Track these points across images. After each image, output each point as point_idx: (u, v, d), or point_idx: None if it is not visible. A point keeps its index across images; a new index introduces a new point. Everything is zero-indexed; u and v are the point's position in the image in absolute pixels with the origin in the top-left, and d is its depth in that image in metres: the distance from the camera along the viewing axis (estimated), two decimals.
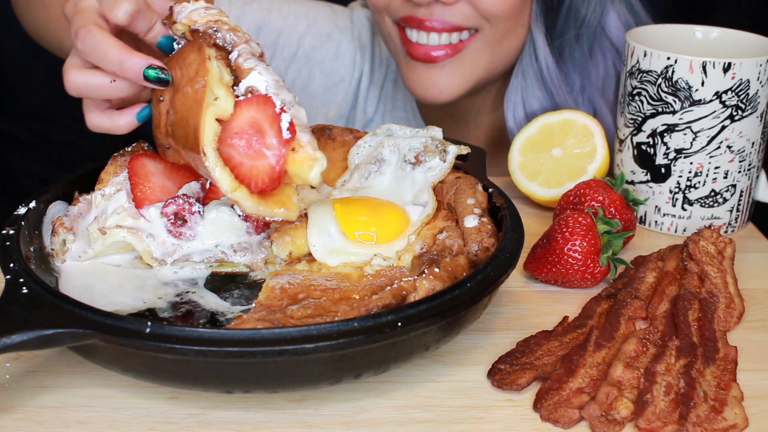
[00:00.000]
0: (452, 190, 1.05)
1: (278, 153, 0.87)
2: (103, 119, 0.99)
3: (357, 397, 0.86)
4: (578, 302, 1.03)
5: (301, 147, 0.88)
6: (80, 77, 0.95)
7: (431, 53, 1.37)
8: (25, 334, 0.78)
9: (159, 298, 0.95)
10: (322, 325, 0.78)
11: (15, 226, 0.95)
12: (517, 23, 1.38)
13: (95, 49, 0.93)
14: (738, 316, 1.00)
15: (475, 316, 0.91)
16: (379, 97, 1.64)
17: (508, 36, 1.38)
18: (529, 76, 1.43)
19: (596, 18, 1.42)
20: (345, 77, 1.63)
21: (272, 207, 0.91)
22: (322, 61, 1.62)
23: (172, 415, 0.84)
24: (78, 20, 0.95)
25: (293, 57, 1.60)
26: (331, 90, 1.64)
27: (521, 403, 0.86)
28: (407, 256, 0.98)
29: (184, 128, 0.91)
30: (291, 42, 1.61)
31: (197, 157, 0.89)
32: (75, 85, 0.96)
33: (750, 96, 1.16)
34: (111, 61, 0.93)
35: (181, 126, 0.91)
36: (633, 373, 0.87)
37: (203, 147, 0.88)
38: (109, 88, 0.96)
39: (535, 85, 1.43)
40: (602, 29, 1.44)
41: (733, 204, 1.23)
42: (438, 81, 1.38)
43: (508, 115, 1.46)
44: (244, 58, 0.92)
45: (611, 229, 1.06)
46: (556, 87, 1.43)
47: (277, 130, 0.87)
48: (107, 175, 1.06)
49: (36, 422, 0.82)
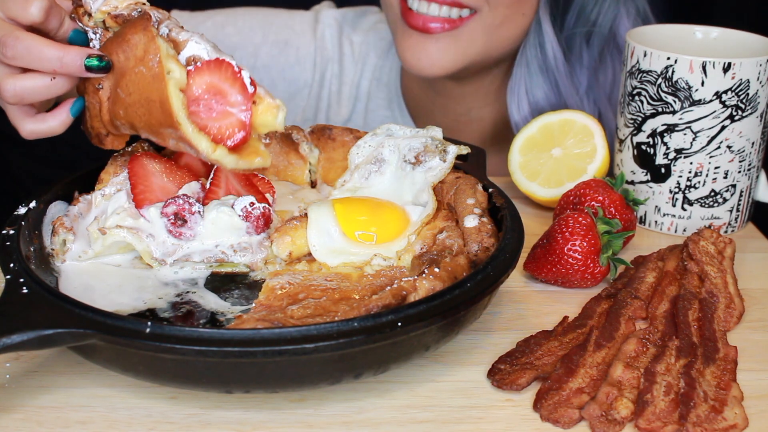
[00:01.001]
0: (452, 190, 1.05)
1: (245, 107, 0.93)
2: (37, 124, 0.99)
3: (357, 397, 0.86)
4: (578, 302, 1.03)
5: (261, 98, 0.94)
6: (18, 83, 0.94)
7: (428, 24, 1.36)
8: (25, 334, 0.78)
9: (159, 299, 0.95)
10: (322, 325, 0.78)
11: (15, 226, 0.95)
12: (517, 11, 1.37)
13: (30, 52, 0.92)
14: (738, 316, 1.00)
15: (475, 316, 0.91)
16: (356, 96, 1.63)
17: (507, 23, 1.37)
18: (533, 67, 1.42)
19: (608, 21, 1.42)
20: (308, 81, 1.62)
21: (249, 159, 0.95)
22: (282, 69, 1.61)
23: (172, 415, 0.84)
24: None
25: (252, 69, 1.58)
26: (297, 96, 1.63)
27: (521, 403, 0.86)
28: (407, 256, 0.98)
29: (146, 106, 0.93)
30: (248, 54, 1.60)
31: (166, 130, 0.93)
32: (15, 92, 0.94)
33: (750, 96, 1.16)
34: (49, 60, 0.93)
35: (142, 105, 0.93)
36: (633, 373, 0.87)
37: (177, 118, 0.91)
38: (50, 86, 0.95)
39: (540, 76, 1.42)
40: (614, 36, 1.44)
41: (733, 204, 1.23)
42: (431, 52, 1.37)
43: (512, 107, 1.45)
44: (176, 31, 0.96)
45: (611, 229, 1.06)
46: (562, 79, 1.42)
47: (241, 86, 0.93)
48: (107, 175, 1.06)
49: (36, 422, 0.82)
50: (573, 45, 1.43)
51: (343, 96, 1.62)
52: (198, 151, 0.93)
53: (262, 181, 1.06)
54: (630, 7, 1.44)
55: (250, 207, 0.99)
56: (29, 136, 1.00)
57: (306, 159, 1.16)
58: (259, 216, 1.00)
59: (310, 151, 1.16)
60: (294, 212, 1.07)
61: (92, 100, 0.98)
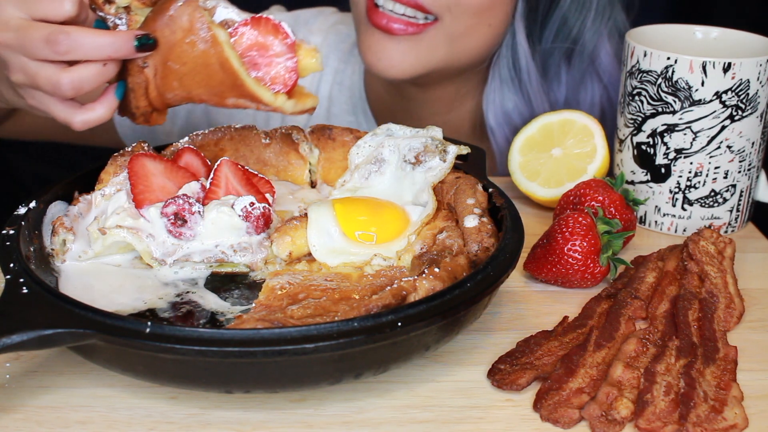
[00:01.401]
0: (452, 190, 1.05)
1: (291, 55, 1.03)
2: (87, 114, 1.00)
3: (357, 397, 0.86)
4: (578, 302, 1.03)
5: (300, 45, 1.04)
6: (74, 75, 0.96)
7: (392, 24, 1.32)
8: (25, 334, 0.78)
9: (159, 299, 0.95)
10: (322, 325, 0.78)
11: (15, 226, 0.95)
12: (482, 22, 1.34)
13: (83, 44, 0.94)
14: (738, 316, 1.00)
15: (475, 316, 0.91)
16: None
17: (470, 33, 1.34)
18: (504, 79, 1.40)
19: (590, 41, 1.39)
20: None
21: (303, 101, 1.05)
22: None
23: (172, 415, 0.84)
24: (32, 33, 0.95)
25: None
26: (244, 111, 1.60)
27: (521, 403, 0.86)
28: (407, 256, 0.98)
29: (205, 72, 1.00)
30: None
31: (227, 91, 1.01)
32: (73, 84, 0.96)
33: (750, 96, 1.16)
34: (103, 47, 0.95)
35: (199, 72, 1.00)
36: (633, 373, 0.87)
37: (240, 75, 0.99)
38: (103, 72, 0.98)
39: (511, 88, 1.40)
40: (595, 58, 1.42)
41: (733, 204, 1.23)
42: (392, 54, 1.34)
43: (488, 114, 1.43)
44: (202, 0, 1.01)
45: (611, 229, 1.06)
46: (535, 93, 1.40)
47: (283, 36, 1.02)
48: (107, 175, 1.06)
49: (36, 422, 0.82)
50: (551, 62, 1.41)
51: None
52: (262, 102, 1.00)
53: (262, 181, 1.06)
54: (612, 29, 1.42)
55: (250, 207, 0.99)
56: (82, 127, 1.01)
57: (306, 159, 1.16)
58: (259, 216, 1.00)
59: (310, 151, 1.16)
60: (294, 212, 1.07)
61: (137, 80, 1.01)
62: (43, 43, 0.95)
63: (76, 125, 1.01)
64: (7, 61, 0.98)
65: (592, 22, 1.39)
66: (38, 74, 0.97)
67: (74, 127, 1.01)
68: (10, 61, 0.98)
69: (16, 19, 0.96)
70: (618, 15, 1.43)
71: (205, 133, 1.15)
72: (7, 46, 0.97)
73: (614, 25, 1.42)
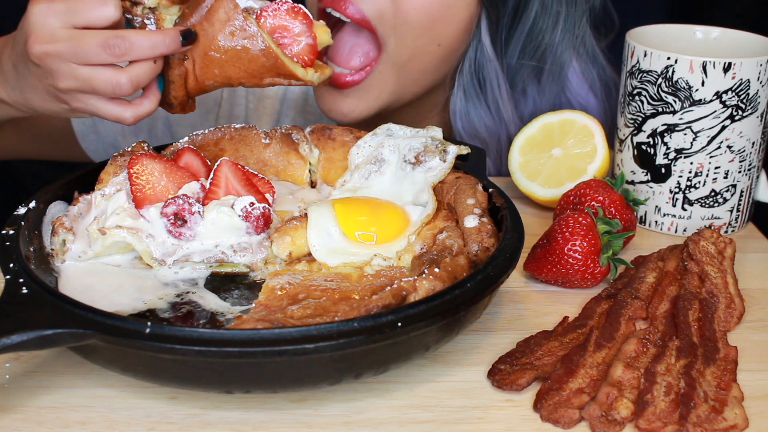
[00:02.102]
0: (452, 190, 1.05)
1: (309, 32, 1.13)
2: (136, 109, 1.08)
3: (357, 397, 0.86)
4: (578, 302, 1.03)
5: (312, 22, 1.13)
6: (132, 73, 1.04)
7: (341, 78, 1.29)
8: (25, 334, 0.78)
9: (160, 299, 0.95)
10: (322, 325, 0.78)
11: (15, 226, 0.95)
12: (429, 42, 1.28)
13: (139, 46, 1.02)
14: (738, 316, 1.00)
15: (475, 316, 0.91)
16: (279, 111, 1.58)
17: (418, 56, 1.29)
18: (469, 92, 1.36)
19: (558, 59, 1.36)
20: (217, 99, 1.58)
21: (323, 72, 1.16)
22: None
23: (172, 415, 0.84)
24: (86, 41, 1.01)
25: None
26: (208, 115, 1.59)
27: (521, 403, 0.86)
28: (407, 256, 0.98)
29: (246, 58, 1.09)
30: None
31: (266, 72, 1.11)
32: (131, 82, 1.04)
33: (750, 96, 1.16)
34: (157, 46, 1.04)
35: (240, 58, 1.09)
36: (633, 373, 0.87)
37: (280, 57, 1.09)
38: (155, 68, 1.06)
39: (476, 101, 1.36)
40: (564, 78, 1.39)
41: (734, 204, 1.23)
42: (342, 106, 1.32)
43: (456, 124, 1.40)
44: None
45: (611, 229, 1.06)
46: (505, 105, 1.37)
47: (303, 15, 1.12)
48: (107, 175, 1.06)
49: (36, 422, 0.82)
50: (518, 78, 1.37)
51: (263, 112, 1.57)
52: (296, 78, 1.12)
53: (262, 181, 1.06)
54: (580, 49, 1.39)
55: (250, 207, 0.99)
56: (133, 121, 1.09)
57: (306, 159, 1.16)
58: (259, 216, 1.00)
59: (310, 151, 1.16)
60: (294, 212, 1.07)
61: (177, 72, 1.10)
62: (101, 49, 1.01)
63: (128, 120, 1.08)
64: (54, 70, 1.03)
65: (560, 39, 1.35)
66: (95, 78, 1.03)
67: (126, 122, 1.08)
68: (57, 70, 1.03)
69: (61, 29, 1.01)
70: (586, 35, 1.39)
71: (205, 133, 1.15)
72: (57, 56, 1.02)
73: (582, 44, 1.39)
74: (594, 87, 1.42)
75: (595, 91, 1.42)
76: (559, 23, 1.34)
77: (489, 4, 1.28)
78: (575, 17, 1.35)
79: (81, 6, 1.02)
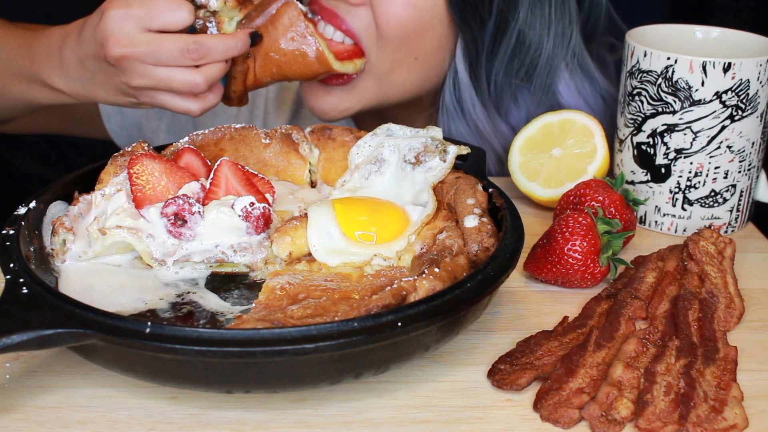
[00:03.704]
0: (452, 190, 1.05)
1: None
2: (204, 102, 1.18)
3: (357, 397, 0.86)
4: (578, 302, 1.03)
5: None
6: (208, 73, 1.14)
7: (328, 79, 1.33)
8: (25, 334, 0.78)
9: (160, 299, 0.95)
10: (322, 325, 0.78)
11: (15, 226, 0.95)
12: (407, 55, 1.31)
13: (216, 50, 1.13)
14: (738, 316, 1.00)
15: (475, 316, 0.91)
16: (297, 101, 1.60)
17: (397, 68, 1.32)
18: (450, 110, 1.38)
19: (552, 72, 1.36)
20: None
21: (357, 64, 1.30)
22: None
23: (172, 415, 0.84)
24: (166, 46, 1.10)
25: None
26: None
27: (521, 403, 0.86)
28: (407, 256, 0.98)
29: (302, 60, 1.22)
30: None
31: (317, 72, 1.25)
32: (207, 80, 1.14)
33: (750, 96, 1.16)
34: (230, 49, 1.15)
35: (297, 60, 1.22)
36: (633, 373, 0.87)
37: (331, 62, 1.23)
38: (225, 67, 1.17)
39: (458, 119, 1.38)
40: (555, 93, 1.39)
41: (733, 204, 1.23)
42: (325, 103, 1.35)
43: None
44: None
45: (611, 229, 1.06)
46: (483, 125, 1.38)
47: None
48: (107, 175, 1.06)
49: (36, 422, 0.82)
50: (507, 93, 1.38)
51: (284, 101, 1.59)
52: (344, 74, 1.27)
53: (262, 181, 1.06)
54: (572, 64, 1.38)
55: (250, 207, 0.99)
56: (200, 113, 1.19)
57: (306, 159, 1.16)
58: (259, 216, 1.00)
59: (310, 151, 1.16)
60: (294, 212, 1.07)
61: (240, 68, 1.21)
62: (180, 53, 1.11)
63: (196, 113, 1.18)
64: (130, 69, 1.12)
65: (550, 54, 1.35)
66: (172, 78, 1.13)
67: (194, 114, 1.18)
68: (132, 70, 1.12)
69: (138, 33, 1.10)
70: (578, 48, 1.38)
71: (205, 133, 1.15)
72: (136, 59, 1.11)
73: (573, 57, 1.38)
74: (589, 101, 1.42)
75: (591, 106, 1.41)
76: (548, 38, 1.34)
77: (463, 25, 1.30)
78: (567, 32, 1.36)
79: (156, 11, 1.10)
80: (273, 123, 1.59)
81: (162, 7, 1.10)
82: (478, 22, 1.30)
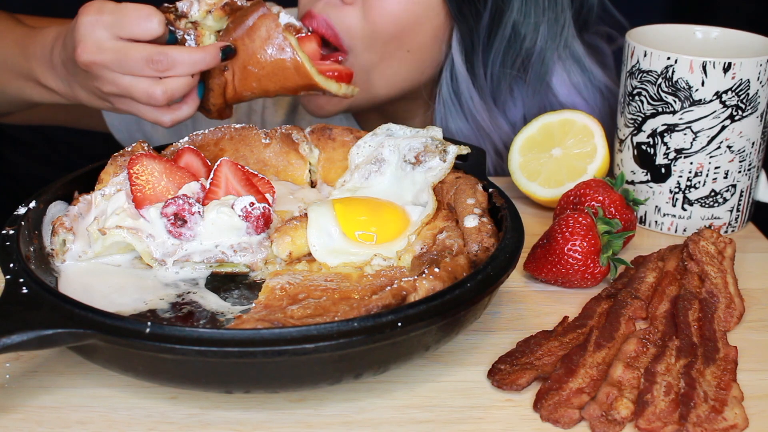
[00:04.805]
0: (452, 190, 1.05)
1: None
2: (175, 114, 1.15)
3: (357, 397, 0.86)
4: (578, 302, 1.03)
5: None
6: (168, 86, 1.10)
7: None
8: (25, 334, 0.78)
9: (161, 299, 0.95)
10: (322, 325, 0.78)
11: (15, 226, 0.95)
12: (399, 48, 1.30)
13: (181, 62, 1.09)
14: (738, 316, 1.00)
15: (475, 316, 0.91)
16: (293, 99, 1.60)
17: (387, 60, 1.31)
18: (447, 104, 1.38)
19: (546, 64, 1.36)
20: None
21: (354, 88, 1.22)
22: None
23: (172, 415, 0.84)
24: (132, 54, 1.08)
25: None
26: None
27: (521, 403, 0.86)
28: (407, 256, 0.98)
29: (282, 74, 1.16)
30: None
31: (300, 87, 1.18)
32: (166, 94, 1.11)
33: (750, 96, 1.16)
34: (197, 62, 1.11)
35: (276, 74, 1.16)
36: (633, 373, 0.87)
37: (313, 76, 1.16)
38: (191, 82, 1.13)
39: (455, 113, 1.38)
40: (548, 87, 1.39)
41: (733, 204, 1.23)
42: (316, 101, 1.35)
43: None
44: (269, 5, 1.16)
45: (611, 229, 1.06)
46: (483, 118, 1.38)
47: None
48: (107, 175, 1.06)
49: (36, 422, 0.82)
50: (503, 85, 1.38)
51: (279, 105, 1.59)
52: (330, 93, 1.18)
53: (262, 181, 1.06)
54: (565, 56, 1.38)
55: (250, 207, 0.99)
56: (171, 125, 1.16)
57: (306, 159, 1.16)
58: (259, 216, 1.00)
59: (310, 151, 1.16)
60: (294, 212, 1.07)
61: (217, 81, 1.17)
62: (144, 63, 1.08)
63: (166, 124, 1.16)
64: (99, 76, 1.11)
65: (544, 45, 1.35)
66: (133, 87, 1.10)
67: (164, 125, 1.16)
68: (102, 76, 1.11)
69: (108, 41, 1.09)
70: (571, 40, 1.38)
71: (205, 133, 1.15)
72: (104, 65, 1.09)
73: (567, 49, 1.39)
74: (582, 92, 1.42)
75: (584, 97, 1.42)
76: (541, 30, 1.34)
77: (459, 16, 1.30)
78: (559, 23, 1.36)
79: (127, 20, 1.08)
80: (271, 118, 1.59)
81: (132, 15, 1.09)
82: (473, 13, 1.30)
